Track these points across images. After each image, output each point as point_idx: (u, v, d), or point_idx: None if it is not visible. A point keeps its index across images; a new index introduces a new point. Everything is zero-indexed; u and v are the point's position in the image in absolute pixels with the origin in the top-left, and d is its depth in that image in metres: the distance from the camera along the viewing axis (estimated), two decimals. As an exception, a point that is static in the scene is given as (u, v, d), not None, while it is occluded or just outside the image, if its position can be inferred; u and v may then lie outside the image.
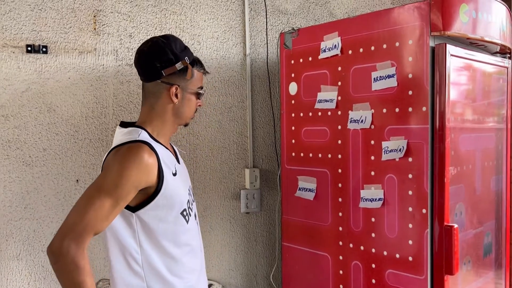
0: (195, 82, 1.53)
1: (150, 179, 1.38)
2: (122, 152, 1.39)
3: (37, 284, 2.12)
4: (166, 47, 1.48)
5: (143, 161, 1.36)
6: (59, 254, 1.29)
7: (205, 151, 2.50)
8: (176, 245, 1.48)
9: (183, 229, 1.50)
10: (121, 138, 1.45)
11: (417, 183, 1.82)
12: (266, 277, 2.68)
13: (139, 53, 1.52)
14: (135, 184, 1.36)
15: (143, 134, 1.45)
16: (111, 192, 1.33)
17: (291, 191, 2.29)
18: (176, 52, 1.48)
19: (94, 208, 1.31)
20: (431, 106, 1.79)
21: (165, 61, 1.46)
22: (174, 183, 1.46)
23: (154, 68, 1.47)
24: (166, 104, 1.50)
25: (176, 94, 1.49)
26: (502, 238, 2.25)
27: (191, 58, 1.52)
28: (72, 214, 1.33)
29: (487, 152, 2.18)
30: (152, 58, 1.47)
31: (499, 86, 2.22)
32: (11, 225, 2.07)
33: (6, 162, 2.05)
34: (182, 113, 1.53)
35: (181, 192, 1.51)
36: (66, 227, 1.31)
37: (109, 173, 1.36)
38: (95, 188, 1.35)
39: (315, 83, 2.16)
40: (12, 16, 2.04)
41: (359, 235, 2.01)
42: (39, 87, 2.10)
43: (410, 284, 1.85)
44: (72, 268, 1.29)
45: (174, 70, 1.47)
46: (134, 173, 1.34)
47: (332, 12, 2.86)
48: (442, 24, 1.76)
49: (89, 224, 1.31)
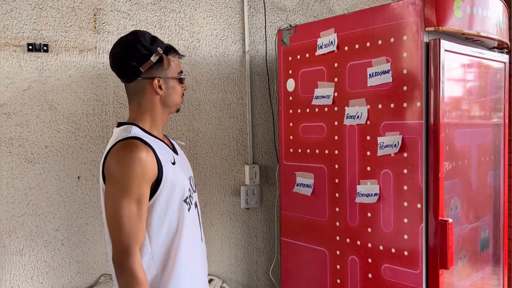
0: (174, 69, 1.56)
1: (153, 170, 1.42)
2: (117, 152, 1.42)
3: (39, 279, 2.16)
4: (136, 43, 1.49)
5: (142, 155, 1.39)
6: (121, 269, 1.39)
7: (205, 148, 2.53)
8: (179, 234, 1.51)
9: (185, 218, 1.53)
10: (115, 137, 1.49)
11: (412, 178, 1.83)
12: (265, 272, 2.71)
13: (112, 56, 1.53)
14: (145, 178, 1.40)
15: (134, 130, 1.48)
16: (129, 195, 1.38)
17: (289, 186, 2.31)
18: (147, 45, 1.49)
19: (125, 217, 1.37)
20: (425, 101, 1.80)
21: (140, 57, 1.48)
22: (174, 170, 1.49)
23: (131, 67, 1.48)
24: (153, 98, 1.53)
25: (160, 86, 1.52)
26: (499, 232, 2.26)
27: (163, 47, 1.53)
28: (112, 232, 1.40)
29: (484, 147, 2.18)
30: (127, 58, 1.48)
31: (496, 81, 2.22)
32: (14, 220, 2.11)
33: (8, 159, 2.09)
34: (170, 101, 1.56)
35: (182, 180, 1.53)
36: (116, 246, 1.39)
37: (117, 177, 1.40)
38: (115, 198, 1.39)
39: (312, 80, 2.18)
40: (13, 16, 2.08)
41: (355, 230, 2.03)
42: (41, 85, 2.14)
43: (406, 278, 1.86)
44: (132, 282, 1.37)
45: (151, 63, 1.49)
46: (139, 169, 1.38)
47: (331, 8, 2.87)
48: (436, 20, 1.77)
49: (130, 234, 1.38)
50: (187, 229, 1.54)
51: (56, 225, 2.18)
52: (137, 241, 1.39)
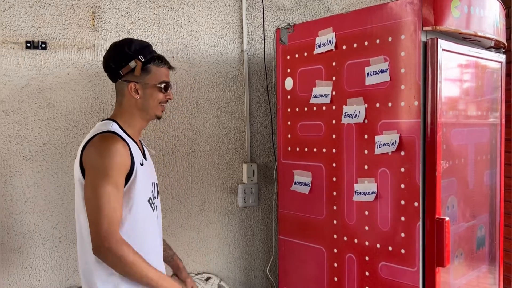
0: (154, 77, 1.65)
1: (128, 163, 1.54)
2: (97, 142, 1.52)
3: (37, 276, 2.16)
4: (121, 49, 1.63)
5: (120, 147, 1.51)
6: (104, 254, 1.44)
7: (203, 146, 2.53)
8: (142, 229, 1.60)
9: (150, 216, 1.64)
10: (95, 129, 1.60)
11: (409, 176, 1.84)
12: (263, 270, 2.72)
13: (103, 58, 1.69)
14: (122, 167, 1.51)
15: (114, 126, 1.60)
16: (109, 180, 1.46)
17: (287, 185, 2.32)
18: (128, 52, 1.62)
19: (105, 200, 1.45)
20: (423, 100, 1.81)
21: (119, 61, 1.62)
22: (141, 171, 1.60)
23: (113, 70, 1.64)
24: (130, 100, 1.64)
25: (136, 90, 1.63)
26: (495, 231, 2.27)
27: (148, 56, 1.64)
28: (92, 216, 1.46)
29: (481, 146, 2.19)
30: (110, 61, 1.64)
31: (493, 81, 2.24)
32: (12, 218, 2.11)
33: (6, 157, 2.09)
34: (146, 107, 1.65)
35: (147, 182, 1.65)
36: (96, 229, 1.45)
37: (98, 165, 1.49)
38: (95, 184, 1.47)
39: (310, 78, 2.18)
40: (12, 13, 2.08)
41: (353, 228, 2.04)
42: (39, 83, 2.13)
43: (402, 276, 1.88)
44: (120, 259, 1.43)
45: (129, 69, 1.62)
46: (118, 159, 1.50)
47: (330, 7, 2.87)
48: (434, 19, 1.78)
49: (109, 215, 1.45)
50: (151, 229, 1.64)
51: (54, 223, 2.18)
52: (116, 221, 1.46)
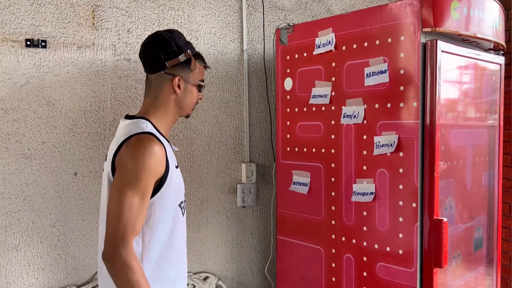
0: (197, 75, 1.61)
1: (162, 167, 1.45)
2: (133, 144, 1.43)
3: (35, 274, 2.16)
4: (170, 40, 1.55)
5: (156, 151, 1.42)
6: (111, 259, 1.37)
7: (202, 145, 2.53)
8: (173, 236, 1.53)
9: (180, 221, 1.56)
10: (128, 129, 1.50)
11: (408, 177, 1.84)
12: (261, 270, 2.72)
13: (144, 45, 1.59)
14: (154, 174, 1.42)
15: (150, 126, 1.51)
16: (136, 187, 1.39)
17: (286, 185, 2.32)
18: (180, 44, 1.55)
19: (127, 207, 1.37)
20: (422, 102, 1.81)
21: (169, 52, 1.53)
22: (177, 173, 1.53)
23: (158, 60, 1.54)
24: (169, 95, 1.56)
25: (179, 85, 1.56)
26: (493, 233, 2.27)
27: (193, 51, 1.60)
28: (110, 219, 1.39)
29: (479, 148, 2.20)
30: (157, 50, 1.54)
31: (492, 83, 2.24)
32: (10, 216, 2.11)
33: (5, 155, 2.09)
34: (184, 104, 1.60)
35: (182, 184, 1.58)
36: (110, 234, 1.38)
37: (128, 168, 1.41)
38: (121, 187, 1.39)
39: (310, 79, 2.19)
40: (12, 11, 2.08)
41: (351, 228, 2.05)
42: (38, 81, 2.14)
43: (400, 276, 1.88)
44: (126, 270, 1.35)
45: (178, 62, 1.54)
46: (152, 164, 1.41)
47: (330, 8, 2.88)
48: (433, 21, 1.79)
49: (127, 224, 1.37)
50: (180, 232, 1.56)
51: (52, 221, 2.18)
52: (133, 232, 1.39)
